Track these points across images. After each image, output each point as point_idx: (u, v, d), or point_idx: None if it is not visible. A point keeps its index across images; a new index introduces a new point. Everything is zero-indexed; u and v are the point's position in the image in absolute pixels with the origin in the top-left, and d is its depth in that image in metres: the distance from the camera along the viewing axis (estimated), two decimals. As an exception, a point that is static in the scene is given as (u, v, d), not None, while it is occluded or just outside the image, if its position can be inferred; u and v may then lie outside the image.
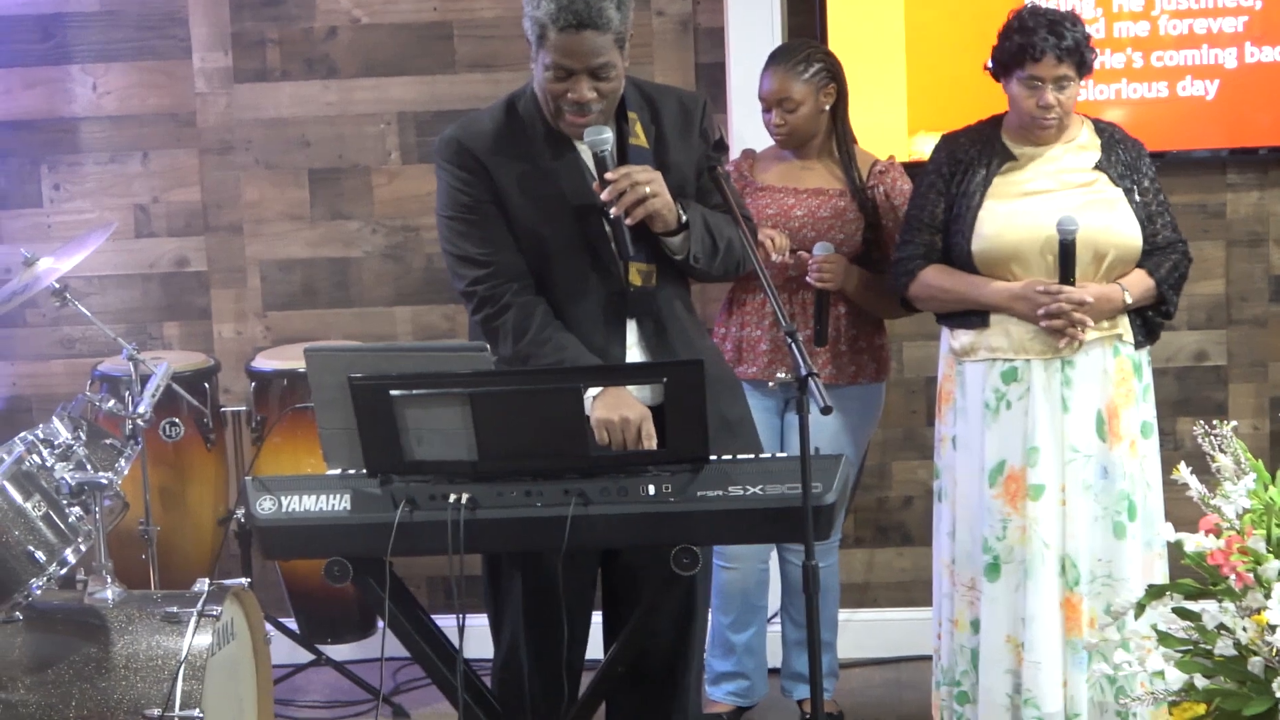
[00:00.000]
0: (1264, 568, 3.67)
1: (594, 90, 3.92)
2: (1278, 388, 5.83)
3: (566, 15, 3.86)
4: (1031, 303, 4.68)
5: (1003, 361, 4.76)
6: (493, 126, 4.09)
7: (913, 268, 4.86)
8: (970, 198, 4.76)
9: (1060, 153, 4.79)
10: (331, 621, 5.71)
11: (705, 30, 5.81)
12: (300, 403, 5.45)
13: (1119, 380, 4.74)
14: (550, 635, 4.04)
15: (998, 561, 4.75)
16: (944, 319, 4.90)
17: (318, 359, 3.85)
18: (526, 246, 4.05)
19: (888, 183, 5.19)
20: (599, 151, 3.93)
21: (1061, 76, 4.67)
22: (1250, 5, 5.61)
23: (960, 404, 4.84)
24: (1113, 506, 4.72)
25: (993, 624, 4.78)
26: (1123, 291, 4.72)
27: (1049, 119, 4.71)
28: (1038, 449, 4.71)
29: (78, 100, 5.94)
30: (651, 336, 4.08)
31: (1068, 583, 4.71)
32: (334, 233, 5.96)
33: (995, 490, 4.75)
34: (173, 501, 5.52)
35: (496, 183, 4.03)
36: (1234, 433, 3.94)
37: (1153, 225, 4.79)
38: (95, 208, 5.97)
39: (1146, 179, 4.80)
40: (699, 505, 3.69)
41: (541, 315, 4.02)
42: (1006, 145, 4.81)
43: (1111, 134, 4.84)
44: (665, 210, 3.95)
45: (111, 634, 4.34)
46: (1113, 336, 4.75)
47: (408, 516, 3.71)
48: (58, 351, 6.04)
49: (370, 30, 5.88)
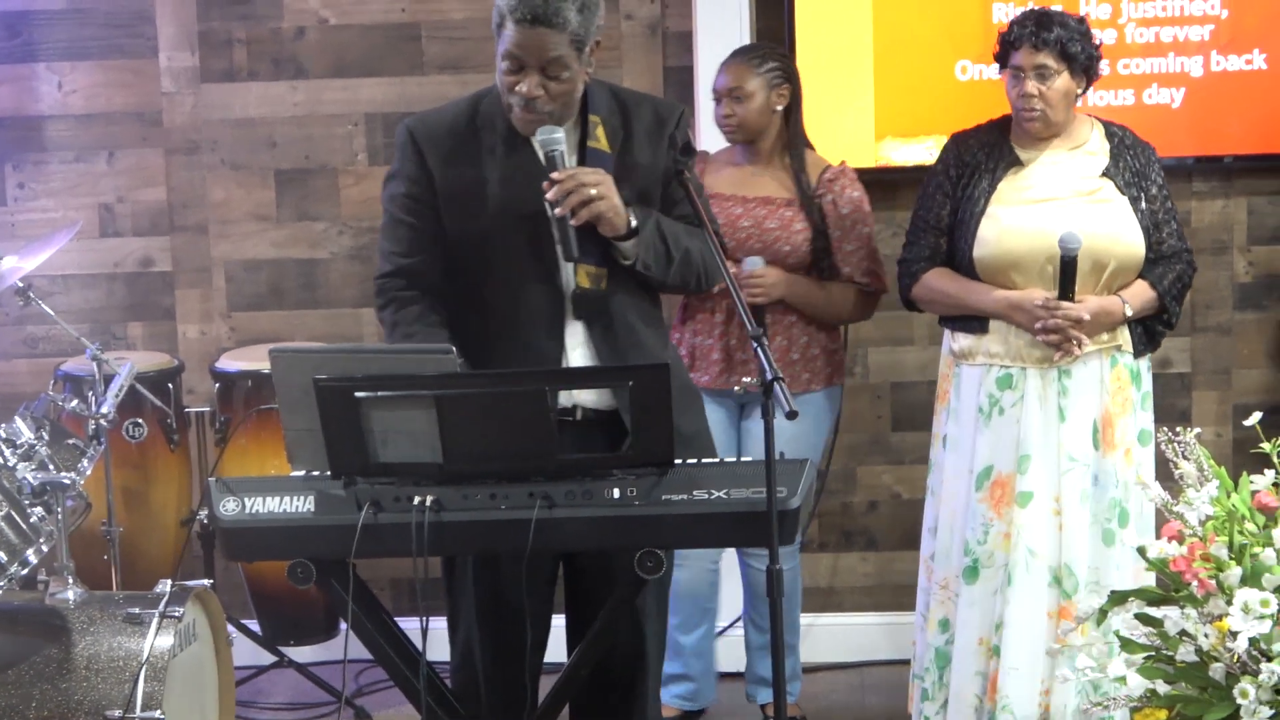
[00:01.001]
0: (1226, 574, 3.68)
1: (543, 87, 3.93)
2: (1241, 395, 5.85)
3: (524, 8, 3.88)
4: (1029, 314, 4.69)
5: (999, 368, 4.77)
6: (452, 120, 4.11)
7: (916, 270, 4.88)
8: (975, 203, 4.77)
9: (1067, 157, 4.80)
10: (294, 623, 5.69)
11: (674, 34, 5.81)
12: (265, 404, 5.44)
13: (1115, 389, 4.76)
14: (508, 638, 4.04)
15: (977, 565, 4.77)
16: (945, 321, 4.93)
17: (283, 360, 3.84)
18: (466, 246, 4.06)
19: (836, 190, 5.18)
20: (550, 151, 3.94)
21: (1040, 65, 4.68)
22: (1216, 14, 5.63)
23: (954, 405, 4.86)
24: (1103, 514, 4.74)
25: (967, 626, 4.80)
26: (1123, 304, 4.73)
27: (1031, 109, 4.72)
28: (1029, 456, 4.72)
29: (43, 98, 5.92)
30: (600, 340, 4.06)
31: (1064, 592, 4.71)
32: (301, 233, 5.95)
33: (981, 494, 4.77)
34: (136, 502, 5.50)
35: (438, 183, 4.06)
36: (1197, 440, 3.95)
37: (1159, 233, 4.80)
38: (60, 207, 5.95)
39: (1155, 185, 4.81)
40: (664, 509, 3.68)
41: (416, 312, 4.06)
42: (1014, 149, 4.82)
43: (1122, 139, 4.85)
44: (611, 214, 3.94)
45: (73, 635, 4.32)
46: (1111, 348, 4.76)
47: (372, 519, 3.70)
48: (21, 351, 6.01)
49: (339, 31, 5.87)
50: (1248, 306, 5.86)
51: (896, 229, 5.78)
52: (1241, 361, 5.87)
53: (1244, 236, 5.83)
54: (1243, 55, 5.65)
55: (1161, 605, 3.78)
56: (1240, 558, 3.72)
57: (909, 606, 5.89)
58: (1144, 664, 3.77)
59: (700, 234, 4.11)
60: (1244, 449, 5.64)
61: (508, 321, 4.05)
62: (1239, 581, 3.67)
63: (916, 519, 5.83)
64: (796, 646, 5.50)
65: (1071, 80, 4.72)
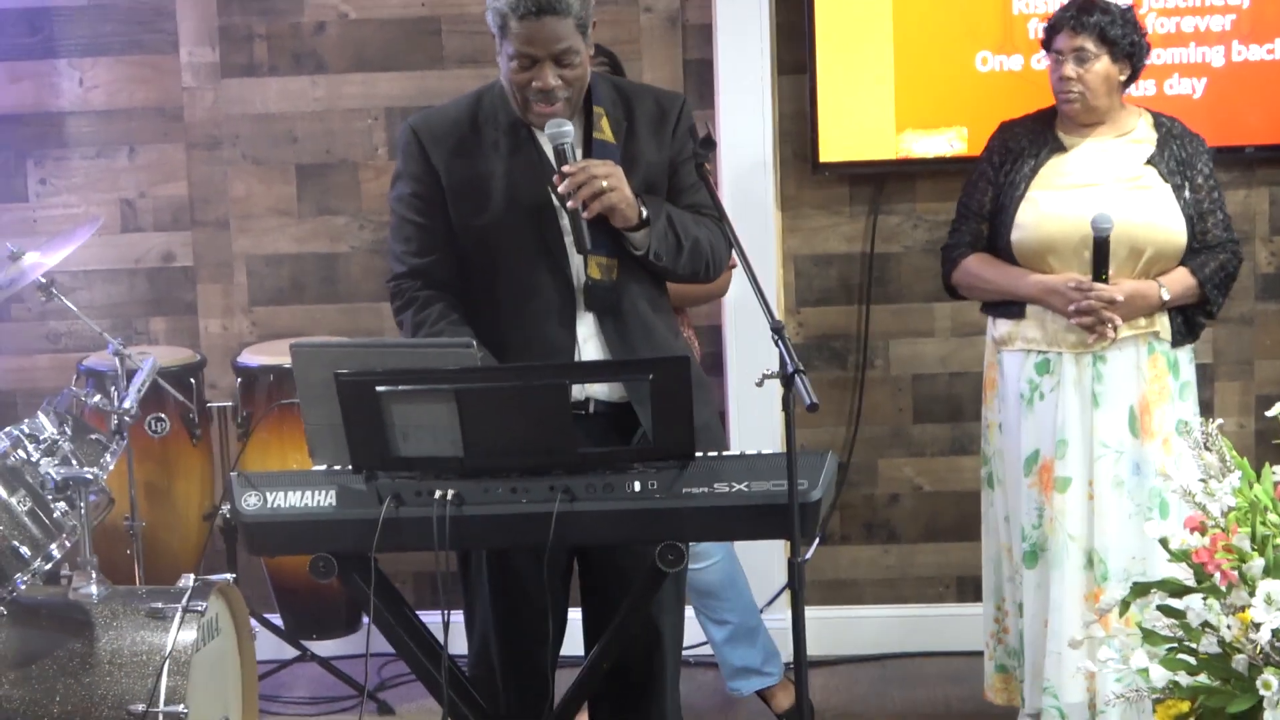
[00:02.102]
0: (1248, 565, 3.68)
1: (559, 77, 3.93)
2: (1264, 386, 5.84)
3: (526, 3, 3.87)
4: (1063, 297, 4.70)
5: (1037, 353, 4.79)
6: (455, 117, 4.10)
7: (956, 255, 4.90)
8: (1015, 188, 4.78)
9: (1112, 145, 4.79)
10: (317, 617, 5.70)
11: (694, 26, 5.81)
12: (286, 398, 5.45)
13: (1153, 377, 4.75)
14: (524, 632, 4.04)
15: (1034, 549, 4.80)
16: (986, 308, 4.95)
17: (304, 354, 3.85)
18: (476, 241, 4.05)
19: None
20: (559, 144, 3.93)
21: (1079, 48, 4.69)
22: (1238, 4, 5.62)
23: (1001, 391, 4.88)
24: (1145, 503, 4.74)
25: (1033, 610, 4.83)
26: (1160, 289, 4.73)
27: (1070, 92, 4.73)
28: (1066, 442, 4.73)
29: (64, 94, 5.93)
30: (611, 332, 4.06)
31: (1095, 578, 4.72)
32: (321, 228, 5.96)
33: (1030, 479, 4.79)
34: (158, 497, 5.51)
35: (444, 180, 4.05)
36: (1220, 430, 3.94)
37: (1203, 223, 4.79)
38: (82, 202, 5.97)
39: (1200, 176, 4.80)
40: (685, 502, 3.68)
41: (438, 311, 4.04)
42: (1059, 135, 4.82)
43: (1170, 128, 4.84)
44: (624, 205, 3.94)
45: (96, 629, 4.33)
46: (1148, 334, 4.76)
47: (393, 512, 3.71)
48: (43, 346, 6.03)
49: (358, 25, 5.87)
50: (1270, 297, 5.84)
51: (917, 221, 5.79)
52: (1264, 352, 5.86)
53: (1266, 226, 5.82)
54: (1264, 45, 5.64)
55: (1184, 596, 3.77)
56: (1263, 549, 3.71)
57: (930, 599, 5.92)
58: (1166, 655, 3.76)
59: (707, 223, 4.12)
60: (1266, 440, 5.62)
61: (520, 315, 4.05)
62: (1261, 572, 3.66)
63: (938, 511, 5.85)
64: (760, 628, 5.45)
65: (1113, 65, 4.72)
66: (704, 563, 5.27)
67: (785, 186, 5.83)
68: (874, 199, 5.83)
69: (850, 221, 5.82)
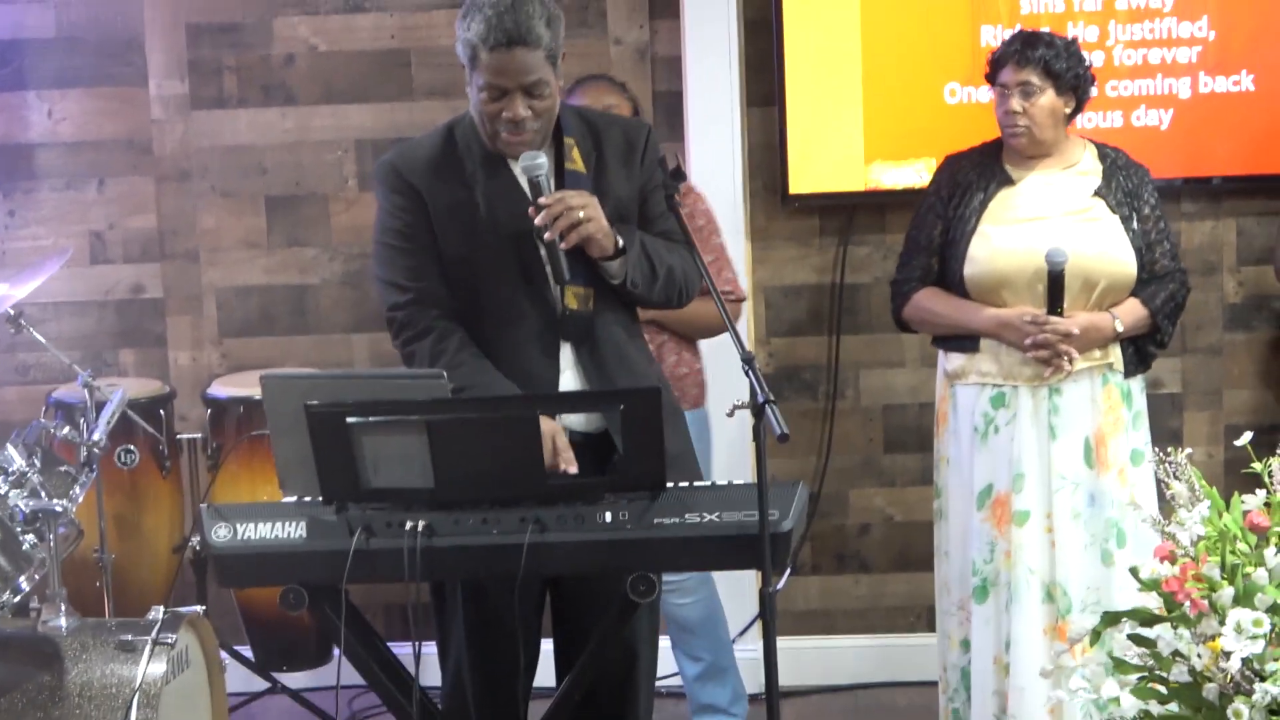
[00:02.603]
0: (1218, 594, 3.68)
1: (529, 108, 3.93)
2: (1232, 415, 5.86)
3: (496, 34, 3.87)
4: (1019, 331, 4.70)
5: (992, 386, 4.78)
6: (429, 151, 4.10)
7: (907, 290, 4.89)
8: (966, 221, 4.79)
9: (1059, 177, 4.81)
10: (287, 649, 5.69)
11: (663, 59, 5.82)
12: (256, 430, 5.44)
13: (1107, 408, 4.76)
14: (498, 662, 4.03)
15: (986, 584, 4.78)
16: (938, 341, 4.94)
17: (274, 386, 3.84)
18: (458, 271, 4.05)
19: (690, 204, 5.18)
20: (534, 176, 3.93)
21: (1024, 82, 4.71)
22: (1204, 36, 5.65)
23: (953, 426, 4.87)
24: (1101, 534, 4.74)
25: (982, 645, 4.81)
26: (1114, 320, 4.74)
27: (1015, 126, 4.74)
28: (1024, 475, 4.73)
29: (33, 126, 5.92)
30: (588, 361, 4.07)
31: (1058, 610, 4.72)
32: (291, 260, 5.95)
33: (983, 513, 4.78)
34: (128, 529, 5.49)
35: (430, 207, 4.04)
36: (1189, 460, 3.95)
37: (1151, 253, 4.81)
38: (51, 234, 5.95)
39: (1147, 206, 4.82)
40: (656, 532, 3.68)
41: (457, 341, 4.02)
42: (1006, 168, 4.83)
43: (1114, 159, 4.86)
44: (600, 235, 3.95)
45: (66, 662, 4.31)
46: (1103, 365, 4.77)
47: (364, 544, 3.70)
48: (12, 378, 6.01)
49: (328, 57, 5.88)
50: (1238, 327, 5.87)
51: (886, 252, 5.80)
52: (1232, 382, 5.88)
53: (1233, 257, 5.85)
54: (1230, 76, 5.67)
55: (1154, 625, 3.78)
56: (1232, 578, 3.72)
57: (902, 629, 5.92)
58: (1137, 684, 3.76)
59: (679, 249, 4.13)
60: (1235, 469, 5.61)
61: (502, 344, 4.04)
62: (1231, 601, 3.67)
63: (909, 541, 5.86)
64: (732, 668, 5.45)
65: (1058, 98, 4.74)
66: (687, 598, 5.26)
67: (755, 218, 5.85)
68: (844, 230, 5.85)
69: (820, 253, 5.84)
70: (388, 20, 5.86)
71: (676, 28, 5.77)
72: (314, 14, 5.86)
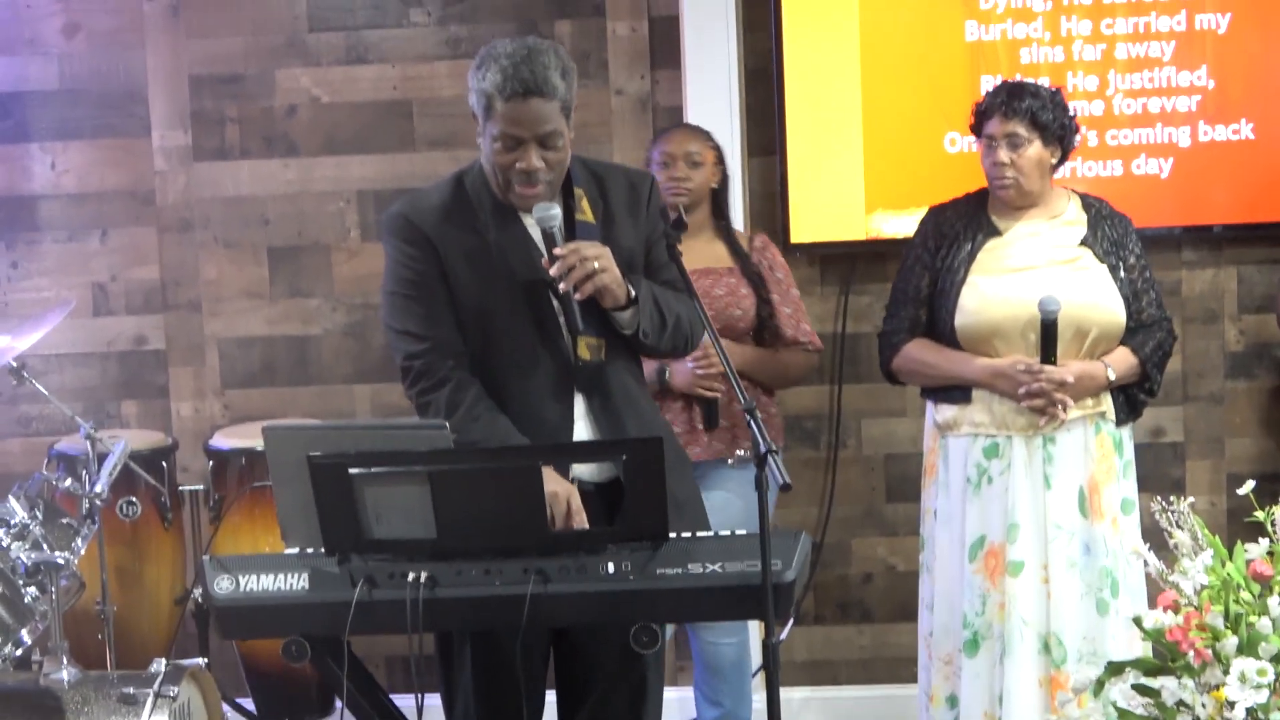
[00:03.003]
0: (1222, 644, 3.68)
1: (542, 159, 3.94)
2: (1234, 464, 5.85)
3: (513, 84, 3.89)
4: (1012, 381, 4.70)
5: (985, 437, 4.78)
6: (439, 201, 4.10)
7: (896, 341, 4.89)
8: (955, 273, 4.79)
9: (1045, 227, 4.81)
10: (290, 701, 5.67)
11: (664, 109, 5.84)
12: (258, 481, 5.44)
13: (1100, 457, 4.76)
14: (504, 713, 4.02)
15: (977, 637, 4.76)
16: (928, 393, 4.93)
17: (276, 437, 3.84)
18: (472, 320, 4.05)
19: (769, 257, 5.24)
20: (548, 228, 3.94)
21: (1011, 134, 4.72)
22: (1203, 85, 5.67)
23: (943, 478, 4.86)
24: (1095, 583, 4.73)
25: (972, 700, 4.78)
26: (1106, 369, 4.75)
27: (1003, 178, 4.75)
28: (1018, 525, 4.72)
29: (36, 178, 5.94)
30: (599, 410, 4.07)
31: (1053, 661, 4.71)
32: (293, 310, 5.96)
33: (975, 565, 4.76)
34: (130, 581, 5.49)
35: (442, 257, 4.04)
36: (1191, 509, 3.95)
37: (1138, 302, 4.81)
38: (53, 285, 5.96)
39: (1133, 255, 4.83)
40: (658, 583, 3.68)
41: (474, 393, 4.02)
42: (992, 219, 4.84)
43: (1099, 210, 4.87)
44: (614, 286, 3.96)
45: (67, 715, 4.30)
46: (1095, 414, 4.77)
47: (366, 595, 3.70)
48: (14, 430, 6.01)
49: (330, 109, 5.89)
50: (1239, 375, 5.87)
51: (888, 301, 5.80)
52: (1234, 430, 5.88)
53: (1234, 305, 5.85)
54: (1230, 125, 5.68)
55: (1158, 675, 3.77)
56: (1236, 627, 3.71)
57: (905, 679, 5.89)
58: (1142, 734, 3.75)
59: (684, 298, 4.14)
60: (1238, 518, 5.63)
61: (517, 394, 4.04)
62: (1235, 651, 3.66)
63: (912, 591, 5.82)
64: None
65: (1044, 149, 4.75)
66: (729, 638, 5.24)
67: (757, 267, 5.85)
68: (845, 279, 5.86)
69: (821, 301, 5.85)
70: (390, 71, 5.88)
71: (677, 78, 5.79)
72: (316, 65, 5.88)
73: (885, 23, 5.69)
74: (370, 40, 5.87)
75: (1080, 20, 5.66)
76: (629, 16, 5.81)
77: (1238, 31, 5.66)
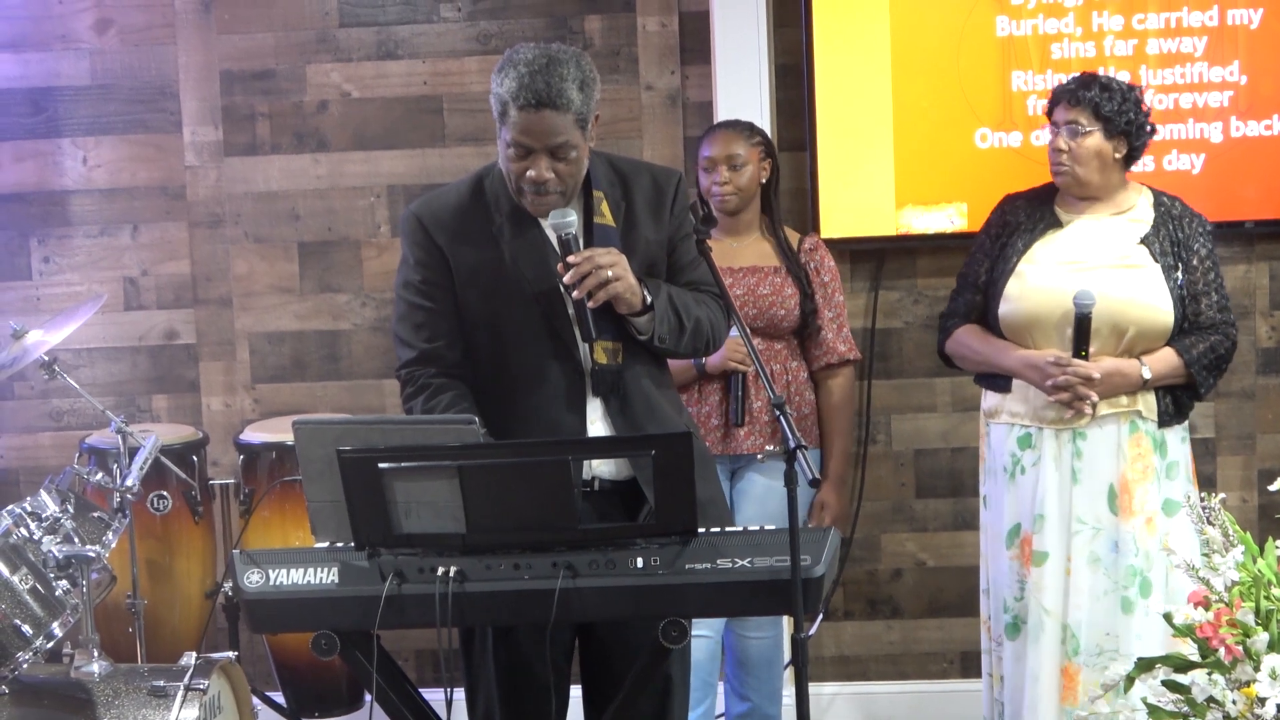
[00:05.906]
0: (1253, 640, 3.67)
1: (552, 170, 3.94)
2: (1266, 460, 5.84)
3: (527, 94, 3.88)
4: (1042, 372, 4.70)
5: (1020, 427, 4.79)
6: (456, 202, 4.11)
7: (950, 325, 4.92)
8: (1008, 261, 4.80)
9: (1108, 223, 4.80)
10: (319, 695, 5.68)
11: (694, 104, 5.84)
12: (288, 476, 5.45)
13: (1134, 456, 4.73)
14: (527, 708, 4.02)
15: (1016, 621, 4.80)
16: (978, 380, 4.96)
17: (306, 432, 3.85)
18: (483, 329, 4.06)
19: (818, 259, 5.27)
20: (563, 234, 3.94)
21: (1073, 121, 4.72)
22: (1235, 81, 5.65)
23: (990, 464, 4.89)
24: (1122, 581, 4.71)
25: (1014, 681, 4.81)
26: (1141, 368, 4.72)
27: (1059, 164, 4.75)
28: (1044, 516, 4.73)
29: (68, 173, 5.96)
30: (617, 414, 4.07)
31: (1068, 652, 4.71)
32: (323, 305, 5.97)
33: (1012, 551, 4.79)
34: (160, 575, 5.50)
35: (453, 267, 4.05)
36: (1222, 505, 3.94)
37: (1196, 304, 4.77)
38: (85, 280, 5.98)
39: (1196, 257, 4.79)
40: (687, 578, 3.68)
41: (450, 397, 4.04)
42: (1056, 211, 4.84)
43: (1169, 208, 4.84)
44: (628, 293, 3.95)
45: (98, 708, 4.32)
46: (1130, 412, 4.74)
47: (395, 589, 3.70)
48: (46, 424, 6.03)
49: (360, 104, 5.90)
50: (1271, 371, 5.85)
51: (918, 296, 5.80)
52: (1265, 426, 5.86)
53: (1266, 301, 5.83)
54: (1262, 121, 5.66)
55: (1188, 671, 3.76)
56: (1267, 623, 3.71)
57: (934, 675, 5.90)
58: (1172, 731, 3.75)
59: (706, 300, 4.15)
60: (1269, 514, 5.62)
61: (529, 400, 4.05)
62: (1266, 647, 3.65)
63: (941, 586, 5.84)
64: (779, 717, 5.43)
65: (1106, 142, 4.73)
66: (763, 633, 5.25)
67: (786, 262, 5.85)
68: (875, 275, 5.85)
69: (851, 297, 5.83)
70: (420, 67, 5.88)
71: (707, 73, 5.78)
72: (346, 61, 5.89)
73: (916, 18, 5.68)
74: (400, 36, 5.88)
75: (1112, 16, 5.65)
76: (659, 12, 5.80)
77: (1270, 27, 5.64)
